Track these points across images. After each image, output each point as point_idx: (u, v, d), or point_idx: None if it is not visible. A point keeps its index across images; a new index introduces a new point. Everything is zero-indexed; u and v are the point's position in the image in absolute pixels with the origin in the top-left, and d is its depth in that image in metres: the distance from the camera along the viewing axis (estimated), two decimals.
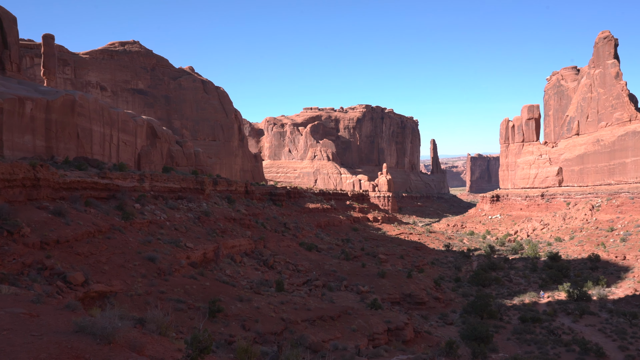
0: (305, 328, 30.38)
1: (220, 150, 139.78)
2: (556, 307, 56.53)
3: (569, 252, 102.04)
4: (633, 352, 37.01)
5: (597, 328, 46.07)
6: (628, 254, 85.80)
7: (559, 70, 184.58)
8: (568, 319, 50.93)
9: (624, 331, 43.54)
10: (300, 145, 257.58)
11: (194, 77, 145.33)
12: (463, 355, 31.61)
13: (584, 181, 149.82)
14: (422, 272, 72.32)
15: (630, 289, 66.82)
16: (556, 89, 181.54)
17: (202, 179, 61.55)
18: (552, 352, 36.57)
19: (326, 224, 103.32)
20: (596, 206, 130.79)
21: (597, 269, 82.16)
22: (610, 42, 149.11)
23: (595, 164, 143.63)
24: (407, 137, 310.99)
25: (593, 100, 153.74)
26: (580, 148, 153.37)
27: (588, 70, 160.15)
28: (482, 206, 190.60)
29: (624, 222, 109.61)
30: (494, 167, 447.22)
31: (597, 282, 69.94)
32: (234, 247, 51.07)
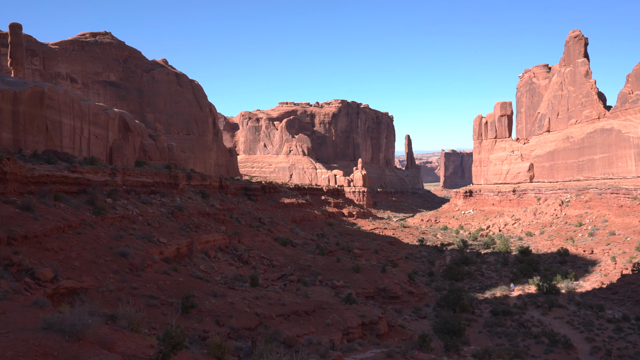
0: (280, 323, 30.35)
1: (194, 145, 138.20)
2: (526, 300, 57.78)
3: (539, 246, 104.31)
4: (599, 344, 38.09)
5: (565, 320, 47.27)
6: (595, 249, 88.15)
7: (531, 68, 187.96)
8: (538, 311, 52.11)
9: (590, 323, 44.79)
10: (276, 140, 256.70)
11: (167, 69, 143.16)
12: (436, 349, 32.06)
13: (554, 177, 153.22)
14: (396, 266, 73.00)
15: (597, 282, 68.72)
16: (528, 87, 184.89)
17: (175, 173, 60.79)
18: (522, 344, 37.39)
19: (301, 219, 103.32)
20: (565, 202, 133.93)
21: (566, 263, 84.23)
22: (581, 41, 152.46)
23: (565, 160, 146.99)
24: (382, 133, 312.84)
25: (563, 97, 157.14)
26: (550, 145, 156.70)
27: (559, 68, 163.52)
28: (456, 201, 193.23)
29: (591, 218, 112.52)
30: (468, 162, 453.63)
31: (565, 275, 71.76)
32: (208, 243, 50.64)
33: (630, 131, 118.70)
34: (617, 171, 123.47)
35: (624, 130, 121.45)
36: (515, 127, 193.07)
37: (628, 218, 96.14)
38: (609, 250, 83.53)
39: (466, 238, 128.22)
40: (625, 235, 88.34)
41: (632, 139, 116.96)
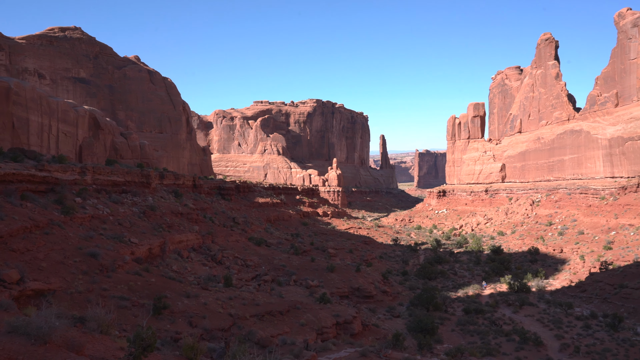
0: (254, 323, 30.08)
1: (167, 143, 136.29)
2: (498, 298, 58.68)
3: (510, 245, 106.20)
4: (568, 341, 38.89)
5: (535, 318, 48.14)
6: (565, 247, 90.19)
7: (504, 70, 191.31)
8: (509, 309, 52.96)
9: (560, 321, 45.73)
10: (250, 139, 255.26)
11: (139, 66, 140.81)
12: (409, 347, 32.25)
13: (525, 177, 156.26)
14: (371, 266, 73.33)
15: (567, 281, 70.30)
16: (500, 88, 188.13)
17: (148, 172, 59.77)
18: (493, 342, 37.89)
19: (276, 218, 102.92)
20: (536, 201, 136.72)
21: (537, 261, 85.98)
22: (552, 43, 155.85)
23: (536, 160, 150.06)
24: (357, 133, 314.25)
25: (535, 99, 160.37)
26: (522, 145, 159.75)
27: (530, 70, 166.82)
28: (429, 201, 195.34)
29: (561, 217, 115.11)
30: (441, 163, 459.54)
31: (536, 274, 73.22)
32: (181, 242, 49.93)
33: (599, 133, 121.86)
34: (585, 172, 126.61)
35: (592, 131, 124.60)
36: (488, 128, 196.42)
37: (596, 218, 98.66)
38: (578, 249, 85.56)
39: (439, 237, 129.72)
40: (593, 235, 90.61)
41: (600, 140, 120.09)
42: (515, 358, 33.29)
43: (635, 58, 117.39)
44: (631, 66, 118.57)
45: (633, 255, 68.37)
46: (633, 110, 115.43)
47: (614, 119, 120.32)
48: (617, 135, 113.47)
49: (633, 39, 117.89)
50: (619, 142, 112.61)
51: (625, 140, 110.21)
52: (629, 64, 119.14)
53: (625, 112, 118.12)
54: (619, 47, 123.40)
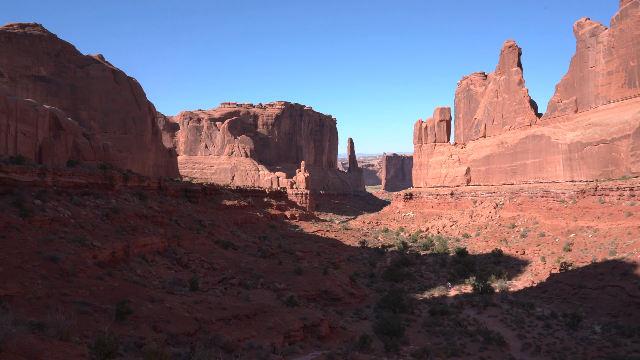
0: (220, 327, 29.70)
1: (131, 144, 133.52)
2: (463, 299, 59.68)
3: (475, 247, 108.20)
4: (530, 340, 39.86)
5: (499, 319, 49.18)
6: (527, 249, 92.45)
7: (469, 75, 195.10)
8: (473, 310, 53.94)
9: (522, 321, 46.84)
10: (218, 140, 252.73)
11: (103, 65, 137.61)
12: (376, 349, 32.41)
13: (489, 181, 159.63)
14: (338, 268, 73.51)
15: (528, 282, 72.06)
16: (466, 93, 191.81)
17: (111, 174, 58.39)
18: (458, 343, 38.49)
19: (243, 221, 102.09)
20: (500, 204, 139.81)
21: (500, 263, 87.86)
22: (515, 50, 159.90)
23: (500, 164, 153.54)
24: (326, 135, 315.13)
25: (498, 104, 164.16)
26: (486, 149, 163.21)
27: (494, 76, 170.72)
28: (397, 204, 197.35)
29: (523, 220, 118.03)
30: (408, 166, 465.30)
31: (499, 275, 74.81)
32: (145, 246, 48.94)
33: (559, 138, 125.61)
34: (547, 175, 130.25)
35: (553, 136, 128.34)
36: (454, 132, 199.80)
37: (556, 220, 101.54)
38: (539, 251, 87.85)
39: (406, 240, 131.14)
40: (554, 237, 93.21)
41: (560, 145, 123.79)
42: (479, 358, 33.88)
43: (593, 66, 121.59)
44: (589, 74, 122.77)
45: (591, 256, 70.62)
46: (591, 117, 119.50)
47: (573, 125, 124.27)
48: (577, 140, 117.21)
49: (591, 47, 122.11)
50: (578, 147, 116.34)
51: (584, 146, 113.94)
52: (588, 72, 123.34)
53: (584, 119, 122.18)
54: (578, 55, 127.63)
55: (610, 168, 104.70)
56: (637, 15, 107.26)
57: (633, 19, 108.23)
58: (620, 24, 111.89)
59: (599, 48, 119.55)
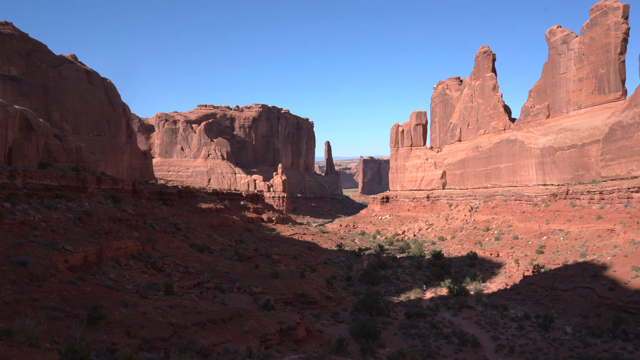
0: (196, 332, 29.33)
1: (105, 146, 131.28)
2: (438, 302, 60.21)
3: (450, 250, 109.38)
4: (504, 341, 40.43)
5: (473, 320, 49.75)
6: (501, 252, 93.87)
7: (445, 80, 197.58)
8: (449, 313, 54.46)
9: (496, 322, 47.49)
10: (194, 143, 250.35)
11: (77, 66, 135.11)
12: (353, 352, 32.44)
13: (464, 184, 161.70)
14: (315, 271, 73.45)
15: (502, 284, 73.12)
16: (442, 97, 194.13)
17: (84, 176, 57.29)
18: (434, 345, 38.80)
19: (219, 224, 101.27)
20: (475, 208, 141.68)
21: (475, 265, 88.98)
22: (489, 56, 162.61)
23: (475, 168, 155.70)
24: (303, 138, 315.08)
25: (473, 109, 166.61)
26: (461, 153, 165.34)
27: (470, 81, 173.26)
28: (373, 207, 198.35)
29: (498, 222, 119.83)
30: (385, 169, 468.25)
31: (474, 278, 75.75)
32: (119, 249, 48.10)
33: (532, 142, 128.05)
34: (520, 179, 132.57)
35: (526, 141, 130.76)
36: (430, 136, 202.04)
37: (529, 223, 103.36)
38: (513, 254, 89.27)
39: (383, 243, 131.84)
40: (527, 239, 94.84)
41: (533, 149, 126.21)
42: None
43: (564, 73, 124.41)
44: (561, 80, 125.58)
45: (562, 258, 72.05)
46: (563, 122, 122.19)
47: (545, 130, 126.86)
48: (549, 145, 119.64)
49: (563, 54, 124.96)
50: (550, 151, 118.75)
51: (555, 150, 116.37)
52: (559, 78, 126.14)
53: (556, 124, 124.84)
54: (550, 62, 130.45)
55: (581, 172, 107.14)
56: (606, 23, 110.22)
57: (602, 28, 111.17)
58: (590, 32, 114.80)
59: (570, 55, 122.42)
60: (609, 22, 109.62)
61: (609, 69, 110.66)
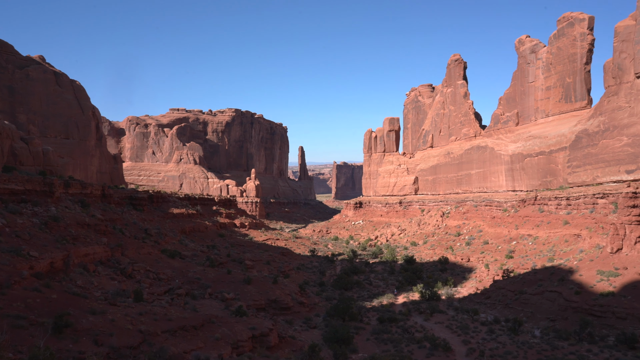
0: (166, 339, 28.79)
1: (74, 150, 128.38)
2: (410, 307, 60.61)
3: (422, 255, 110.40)
4: (474, 345, 40.89)
5: (445, 325, 50.20)
6: (472, 257, 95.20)
7: (417, 87, 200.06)
8: (420, 317, 54.86)
9: (467, 326, 48.02)
10: (166, 147, 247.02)
11: (44, 67, 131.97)
12: (325, 358, 32.34)
13: (436, 190, 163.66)
14: (288, 277, 73.15)
15: (473, 288, 74.11)
16: (414, 104, 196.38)
17: (51, 180, 55.86)
18: (406, 350, 38.98)
19: (191, 230, 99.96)
20: (446, 213, 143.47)
21: (446, 270, 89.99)
22: (460, 64, 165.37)
23: (446, 174, 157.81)
24: (276, 143, 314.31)
25: (445, 116, 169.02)
26: (433, 159, 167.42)
27: (441, 88, 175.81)
28: (346, 212, 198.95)
29: (468, 228, 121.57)
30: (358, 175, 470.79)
31: (445, 282, 76.59)
32: (87, 256, 46.96)
33: (502, 149, 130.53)
34: (490, 185, 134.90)
35: (496, 148, 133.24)
36: (403, 142, 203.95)
37: (499, 228, 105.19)
38: (483, 258, 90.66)
39: (356, 248, 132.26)
40: (497, 244, 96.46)
41: (503, 156, 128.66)
42: None
43: (533, 81, 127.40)
44: (530, 89, 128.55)
45: (531, 263, 73.50)
46: (531, 129, 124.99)
47: (515, 137, 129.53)
48: (518, 151, 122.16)
49: (531, 63, 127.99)
50: (519, 158, 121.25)
51: (524, 157, 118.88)
52: (528, 86, 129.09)
53: (524, 131, 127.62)
54: (519, 70, 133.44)
55: (548, 178, 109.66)
56: (573, 34, 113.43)
57: (569, 38, 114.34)
58: (558, 42, 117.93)
59: (538, 64, 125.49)
60: (575, 33, 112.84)
61: (575, 78, 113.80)
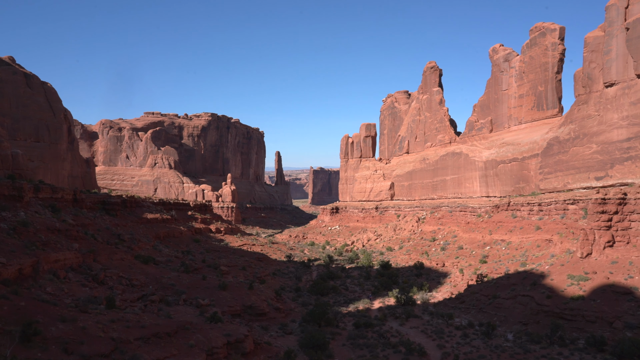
0: (139, 347, 28.27)
1: (44, 154, 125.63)
2: (386, 312, 60.84)
3: (398, 260, 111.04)
4: (449, 350, 41.26)
5: (420, 330, 50.55)
6: (446, 262, 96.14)
7: (394, 93, 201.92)
8: (396, 322, 55.11)
9: (442, 331, 48.43)
10: (140, 151, 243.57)
11: (14, 68, 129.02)
12: None
13: (412, 195, 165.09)
14: (264, 283, 72.71)
15: (448, 293, 74.80)
16: (390, 110, 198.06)
17: (20, 184, 54.48)
18: (382, 355, 39.07)
19: (166, 235, 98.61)
20: (422, 218, 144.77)
21: (422, 275, 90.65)
22: (436, 71, 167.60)
23: (422, 180, 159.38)
24: (253, 148, 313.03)
25: (421, 122, 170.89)
26: (409, 165, 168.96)
27: (417, 95, 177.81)
28: (323, 217, 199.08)
29: (444, 233, 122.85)
30: (335, 180, 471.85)
31: (421, 287, 77.10)
32: (57, 262, 45.86)
33: (476, 155, 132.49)
34: (465, 191, 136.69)
35: (470, 154, 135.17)
36: (379, 148, 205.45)
37: (473, 234, 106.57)
38: (458, 263, 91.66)
39: (332, 253, 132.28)
40: (471, 249, 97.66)
41: (477, 162, 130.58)
42: None
43: (506, 89, 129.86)
44: (503, 96, 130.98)
45: (504, 268, 74.61)
46: (505, 136, 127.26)
47: (488, 144, 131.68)
48: (492, 158, 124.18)
49: (505, 72, 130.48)
50: (493, 164, 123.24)
51: (498, 163, 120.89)
52: (501, 94, 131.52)
53: (498, 138, 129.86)
54: (493, 78, 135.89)
55: (521, 185, 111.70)
56: (544, 44, 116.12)
57: (541, 47, 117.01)
58: (530, 52, 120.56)
59: (511, 72, 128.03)
60: (546, 43, 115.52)
61: (547, 86, 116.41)
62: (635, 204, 56.96)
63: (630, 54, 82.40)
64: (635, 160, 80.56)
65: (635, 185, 65.45)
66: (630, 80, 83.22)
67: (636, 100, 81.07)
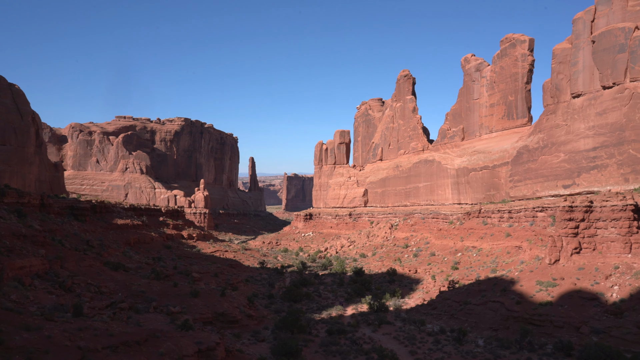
0: (107, 356, 27.59)
1: (11, 157, 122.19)
2: (359, 318, 60.93)
3: (371, 267, 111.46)
4: (421, 356, 41.53)
5: (392, 336, 50.76)
6: (419, 268, 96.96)
7: (368, 101, 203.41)
8: (369, 329, 55.22)
9: (414, 337, 48.74)
10: (111, 156, 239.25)
11: None
12: None
13: (385, 202, 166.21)
14: (236, 289, 72.03)
15: (420, 299, 75.40)
16: (365, 117, 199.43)
17: None
18: None
19: (136, 241, 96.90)
20: (395, 225, 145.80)
21: (394, 282, 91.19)
22: (409, 80, 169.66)
23: (395, 187, 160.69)
24: (227, 154, 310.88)
25: (394, 130, 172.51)
26: (383, 172, 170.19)
27: (391, 103, 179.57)
28: (297, 224, 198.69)
29: (416, 240, 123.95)
30: (309, 186, 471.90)
31: (393, 294, 77.55)
32: (22, 268, 44.54)
33: (448, 163, 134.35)
34: (437, 198, 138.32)
35: (443, 162, 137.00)
36: (353, 155, 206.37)
37: (445, 240, 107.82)
38: (430, 270, 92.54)
39: (305, 260, 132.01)
40: (443, 256, 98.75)
41: (449, 170, 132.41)
42: None
43: (478, 98, 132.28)
44: (474, 105, 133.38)
45: (475, 274, 75.65)
46: (476, 144, 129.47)
47: (460, 151, 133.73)
48: (463, 166, 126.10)
49: (476, 81, 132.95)
50: (464, 172, 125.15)
51: (469, 171, 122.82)
52: (473, 103, 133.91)
53: (470, 146, 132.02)
54: (465, 87, 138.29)
55: (492, 192, 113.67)
56: (514, 55, 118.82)
57: (511, 58, 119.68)
58: (501, 62, 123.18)
59: (482, 82, 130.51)
60: (516, 54, 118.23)
61: (517, 96, 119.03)
62: (601, 212, 58.54)
63: (596, 66, 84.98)
64: (601, 169, 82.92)
65: (600, 194, 67.30)
66: (596, 91, 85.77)
67: (602, 110, 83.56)
